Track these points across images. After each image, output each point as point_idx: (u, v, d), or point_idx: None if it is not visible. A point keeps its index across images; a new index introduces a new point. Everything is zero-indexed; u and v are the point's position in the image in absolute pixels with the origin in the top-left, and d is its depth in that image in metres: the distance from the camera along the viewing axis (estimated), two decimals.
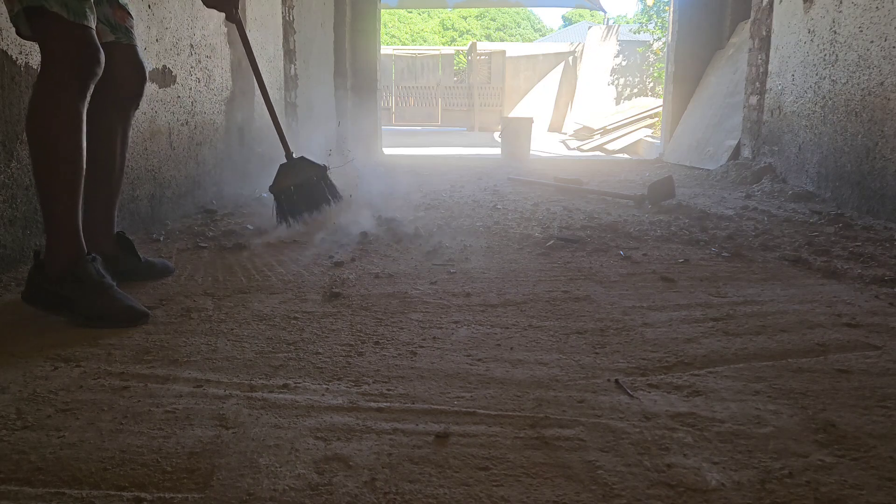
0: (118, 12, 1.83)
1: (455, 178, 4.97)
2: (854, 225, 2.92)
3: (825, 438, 1.04)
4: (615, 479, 0.93)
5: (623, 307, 1.74)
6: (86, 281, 1.56)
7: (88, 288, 1.55)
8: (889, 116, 3.07)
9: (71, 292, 1.55)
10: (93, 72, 1.59)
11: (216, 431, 1.05)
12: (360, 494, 0.89)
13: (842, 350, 1.43)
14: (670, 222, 3.02)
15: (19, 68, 1.96)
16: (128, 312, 1.58)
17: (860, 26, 3.36)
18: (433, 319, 1.64)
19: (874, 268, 2.15)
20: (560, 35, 26.58)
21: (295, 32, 4.81)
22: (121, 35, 1.83)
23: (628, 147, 9.39)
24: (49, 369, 1.29)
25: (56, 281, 1.55)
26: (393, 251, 2.39)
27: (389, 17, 27.84)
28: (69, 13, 1.53)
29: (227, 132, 3.57)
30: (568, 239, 2.57)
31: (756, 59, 4.96)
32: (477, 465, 0.96)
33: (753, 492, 0.90)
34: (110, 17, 1.81)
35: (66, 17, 1.53)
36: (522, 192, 4.09)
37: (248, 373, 1.29)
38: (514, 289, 1.91)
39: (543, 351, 1.43)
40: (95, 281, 1.57)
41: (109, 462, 0.96)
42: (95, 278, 1.57)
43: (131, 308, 1.59)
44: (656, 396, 1.19)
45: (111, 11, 1.82)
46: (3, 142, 1.91)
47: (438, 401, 1.18)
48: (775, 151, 4.48)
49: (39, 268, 1.57)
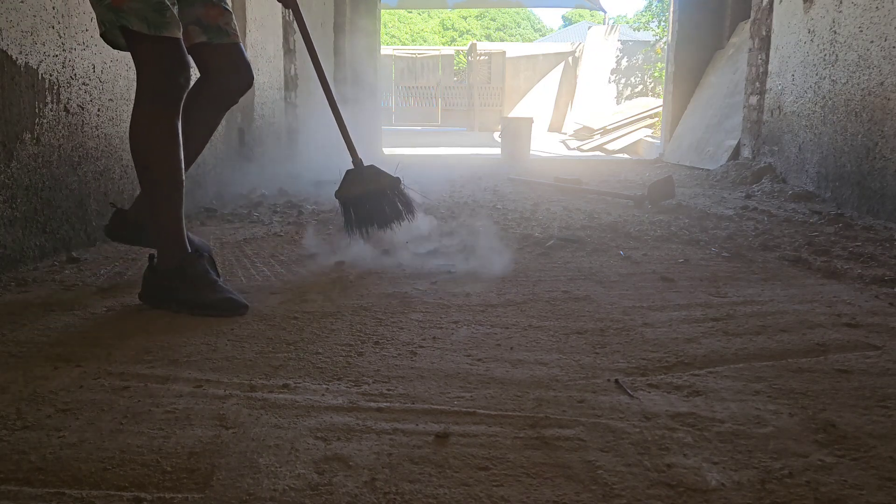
0: (210, 11, 1.83)
1: (455, 177, 4.97)
2: (854, 225, 2.92)
3: (825, 438, 1.04)
4: (615, 479, 0.93)
5: (623, 307, 1.74)
6: (192, 276, 1.68)
7: (194, 282, 1.68)
8: (889, 116, 3.07)
9: (178, 287, 1.68)
10: (177, 82, 1.66)
11: (216, 431, 1.05)
12: (360, 494, 0.89)
13: (842, 350, 1.43)
14: (670, 222, 3.02)
15: (19, 68, 1.96)
16: (229, 303, 1.68)
17: (860, 26, 3.36)
18: (433, 319, 1.64)
19: (874, 268, 2.15)
20: (560, 35, 26.57)
21: (295, 32, 4.81)
22: (212, 35, 1.83)
23: (628, 147, 9.39)
24: (49, 369, 1.29)
25: (166, 278, 1.69)
26: (393, 251, 2.39)
27: (389, 17, 27.83)
28: (149, 27, 1.60)
29: (227, 132, 3.57)
30: (568, 239, 2.57)
31: (756, 59, 4.97)
32: (477, 465, 0.96)
33: (753, 492, 0.90)
34: (202, 17, 1.82)
35: (147, 32, 1.60)
36: (522, 192, 4.10)
37: (248, 373, 1.29)
38: (514, 289, 1.91)
39: (543, 351, 1.43)
40: (200, 276, 1.69)
41: (109, 462, 0.96)
42: (200, 273, 1.70)
43: (232, 300, 1.69)
44: (656, 396, 1.19)
45: (203, 11, 1.82)
46: (3, 142, 1.91)
47: (438, 401, 1.18)
48: (775, 151, 4.48)
49: (153, 269, 1.71)
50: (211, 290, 1.68)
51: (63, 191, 2.18)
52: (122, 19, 1.59)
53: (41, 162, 2.07)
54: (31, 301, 1.72)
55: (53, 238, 2.15)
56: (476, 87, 15.73)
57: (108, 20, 1.60)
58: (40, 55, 2.05)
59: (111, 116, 2.46)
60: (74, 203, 2.25)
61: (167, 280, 1.69)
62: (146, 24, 1.59)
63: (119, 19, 1.59)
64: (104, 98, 2.41)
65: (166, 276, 1.69)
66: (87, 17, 2.28)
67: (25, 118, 1.99)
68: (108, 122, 2.44)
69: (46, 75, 2.08)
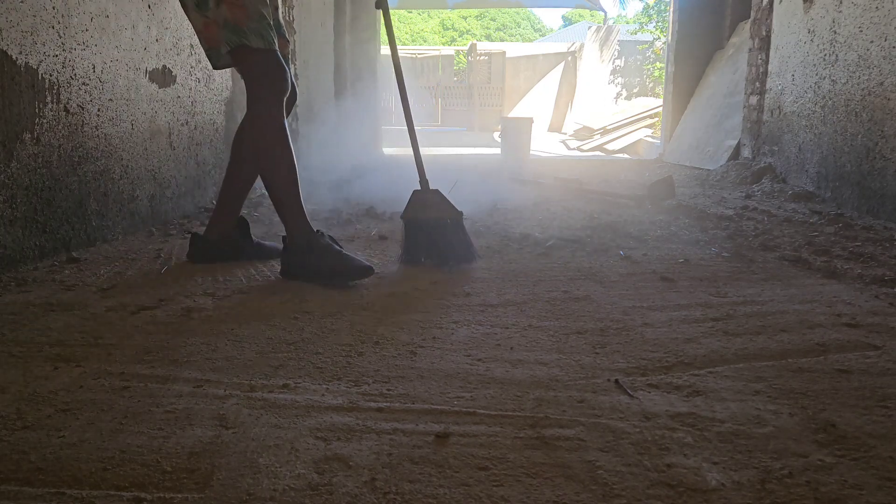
0: (281, 41, 1.99)
1: (454, 177, 4.96)
2: (854, 225, 2.92)
3: (825, 438, 1.04)
4: (615, 479, 0.93)
5: (623, 307, 1.74)
6: (318, 248, 1.90)
7: (321, 253, 1.89)
8: (889, 116, 3.07)
9: (310, 259, 1.90)
10: (285, 87, 1.93)
11: (216, 431, 1.05)
12: (360, 494, 0.89)
13: (842, 350, 1.43)
14: (670, 222, 3.02)
15: (19, 68, 1.96)
16: (356, 268, 1.89)
17: (860, 26, 3.36)
18: (433, 319, 1.64)
19: (874, 268, 2.15)
20: (560, 35, 26.58)
21: (295, 32, 4.81)
22: None
23: (628, 147, 9.39)
24: (49, 369, 1.29)
25: (298, 254, 1.92)
26: (392, 250, 2.39)
27: None
28: (264, 42, 1.85)
29: (228, 132, 3.57)
30: (568, 239, 2.56)
31: (756, 59, 4.96)
32: (477, 465, 0.96)
33: (753, 492, 0.90)
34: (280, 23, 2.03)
35: (262, 47, 1.85)
36: (522, 192, 4.09)
37: (248, 373, 1.29)
38: (514, 289, 1.91)
39: (543, 351, 1.43)
40: (325, 246, 1.90)
41: (109, 462, 0.96)
42: (325, 244, 1.91)
43: (359, 264, 1.90)
44: (656, 396, 1.19)
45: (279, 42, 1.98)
46: (3, 142, 1.91)
47: (438, 401, 1.18)
48: (775, 151, 4.48)
49: (286, 249, 1.95)
50: (339, 259, 1.89)
51: (63, 191, 2.18)
52: (242, 38, 1.82)
53: (41, 162, 2.07)
54: (31, 301, 1.72)
55: (53, 238, 2.15)
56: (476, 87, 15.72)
57: (233, 41, 1.83)
58: (40, 55, 2.05)
59: (111, 116, 2.46)
60: (74, 203, 2.25)
61: (300, 255, 1.91)
62: (262, 40, 1.84)
63: (241, 38, 1.82)
64: (104, 98, 2.41)
65: (298, 252, 1.92)
66: (87, 17, 2.28)
67: (25, 118, 1.99)
68: (108, 122, 2.44)
69: (46, 75, 2.08)
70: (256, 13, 1.85)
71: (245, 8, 1.84)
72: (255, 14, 1.85)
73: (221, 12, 1.84)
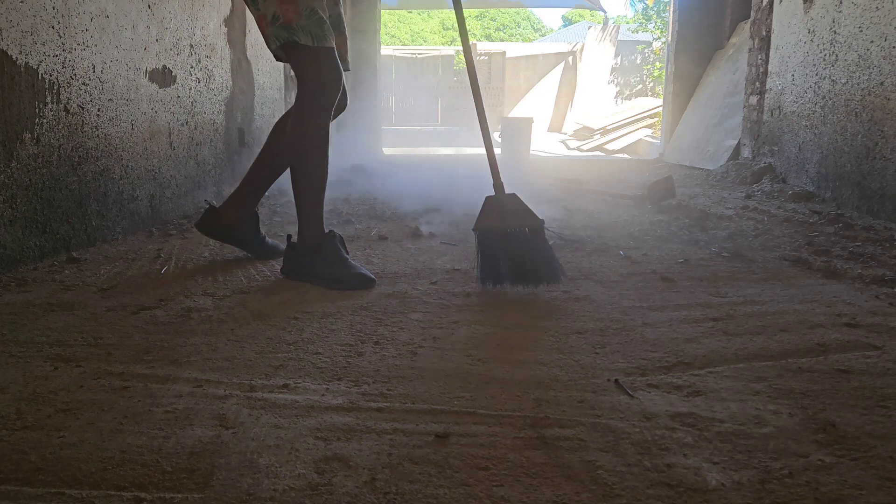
0: (339, 39, 1.96)
1: (455, 177, 4.97)
2: (854, 225, 2.92)
3: (825, 438, 1.04)
4: (615, 479, 0.93)
5: (623, 307, 1.74)
6: (328, 254, 1.90)
7: (329, 259, 1.90)
8: (889, 116, 3.07)
9: (316, 263, 1.90)
10: (334, 87, 1.89)
11: (216, 431, 1.05)
12: (360, 494, 0.89)
13: (842, 350, 1.43)
14: (670, 222, 3.02)
15: (19, 68, 1.96)
16: (359, 278, 1.89)
17: (860, 26, 3.36)
18: (433, 319, 1.64)
19: (874, 268, 2.15)
20: (560, 35, 26.58)
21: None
22: None
23: (628, 147, 9.40)
24: (49, 369, 1.29)
25: (307, 255, 1.92)
26: (392, 250, 2.39)
27: (389, 17, 27.83)
28: (314, 40, 1.81)
29: (227, 132, 3.57)
30: (568, 239, 2.56)
31: (756, 59, 4.96)
32: (477, 465, 0.96)
33: (753, 492, 0.90)
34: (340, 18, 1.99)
35: (312, 45, 1.81)
36: (522, 192, 4.09)
37: (248, 373, 1.29)
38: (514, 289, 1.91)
39: (543, 351, 1.43)
40: (334, 253, 1.91)
41: (109, 462, 0.96)
42: (334, 252, 1.91)
43: (361, 275, 1.90)
44: (656, 396, 1.19)
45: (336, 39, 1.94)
46: (3, 142, 1.91)
47: (438, 401, 1.18)
48: (775, 151, 4.48)
49: (293, 246, 1.96)
50: (344, 267, 1.90)
51: (63, 191, 2.18)
52: (292, 35, 1.79)
53: (41, 162, 2.07)
54: (31, 301, 1.72)
55: (53, 238, 2.15)
56: None
57: (282, 37, 1.80)
58: (40, 55, 2.05)
59: (111, 116, 2.46)
60: (74, 203, 2.25)
61: (307, 257, 1.92)
62: (311, 37, 1.80)
63: (290, 35, 1.79)
64: (104, 98, 2.41)
65: (307, 253, 1.92)
66: (87, 17, 2.28)
67: (25, 118, 1.99)
68: (108, 122, 2.44)
69: (46, 75, 2.08)
70: (307, 9, 1.79)
71: (295, 3, 1.78)
72: (305, 10, 1.79)
73: (270, 6, 1.80)
